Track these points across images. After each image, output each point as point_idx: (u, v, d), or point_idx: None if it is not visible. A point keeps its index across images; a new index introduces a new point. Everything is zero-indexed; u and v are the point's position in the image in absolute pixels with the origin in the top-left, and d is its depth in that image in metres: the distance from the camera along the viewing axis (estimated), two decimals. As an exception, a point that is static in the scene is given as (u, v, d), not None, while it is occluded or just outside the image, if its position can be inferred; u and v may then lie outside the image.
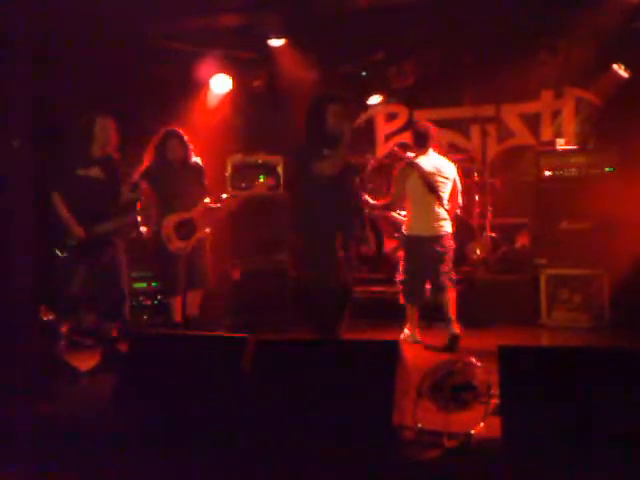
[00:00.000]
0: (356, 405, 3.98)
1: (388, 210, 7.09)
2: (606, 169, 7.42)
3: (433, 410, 4.05)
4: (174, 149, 6.53)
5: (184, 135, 6.58)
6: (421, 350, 6.39)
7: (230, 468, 3.77)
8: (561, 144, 7.89)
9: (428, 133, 6.68)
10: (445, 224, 6.55)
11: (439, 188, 6.51)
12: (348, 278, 5.85)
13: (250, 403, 4.16)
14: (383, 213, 7.21)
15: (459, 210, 6.86)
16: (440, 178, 6.54)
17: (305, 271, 6.23)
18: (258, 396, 4.19)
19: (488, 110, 8.84)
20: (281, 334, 7.07)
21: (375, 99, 9.18)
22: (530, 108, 9.04)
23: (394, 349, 4.15)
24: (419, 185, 6.50)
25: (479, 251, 8.02)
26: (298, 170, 5.94)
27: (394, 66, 8.63)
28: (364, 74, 8.99)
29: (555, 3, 7.38)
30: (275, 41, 8.01)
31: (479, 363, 4.16)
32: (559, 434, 3.61)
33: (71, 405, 4.96)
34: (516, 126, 9.08)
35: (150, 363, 4.64)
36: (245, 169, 8.22)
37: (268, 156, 8.25)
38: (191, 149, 6.63)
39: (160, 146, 6.54)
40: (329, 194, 5.69)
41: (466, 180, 8.18)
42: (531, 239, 8.08)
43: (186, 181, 6.55)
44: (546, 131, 8.93)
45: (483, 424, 3.95)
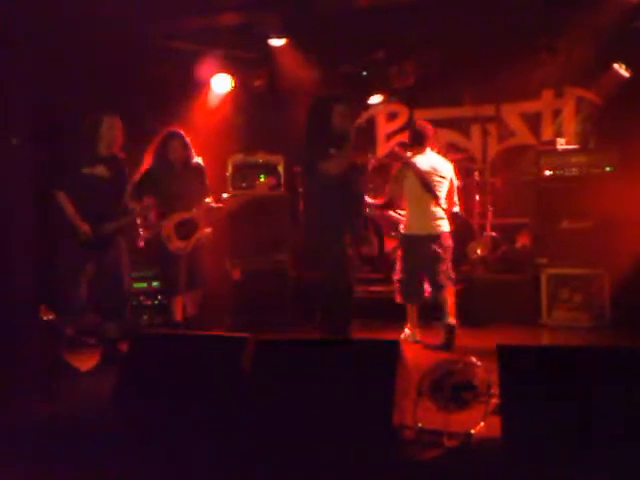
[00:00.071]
0: (356, 405, 3.97)
1: (385, 209, 7.09)
2: (607, 168, 7.41)
3: (433, 410, 4.05)
4: (175, 150, 6.54)
5: (185, 136, 6.59)
6: (421, 350, 6.38)
7: (230, 468, 3.77)
8: (562, 143, 7.88)
9: (425, 133, 6.70)
10: (442, 223, 6.56)
11: (436, 187, 6.52)
12: (353, 278, 5.89)
13: (250, 403, 4.16)
14: (381, 212, 7.21)
15: (458, 209, 6.87)
16: (437, 177, 6.56)
17: (314, 272, 6.25)
18: (258, 396, 4.18)
19: (488, 110, 8.85)
20: (281, 334, 7.07)
21: (376, 98, 9.18)
22: (531, 107, 9.04)
23: (394, 349, 4.14)
24: (416, 184, 6.52)
25: (480, 251, 8.03)
26: (304, 170, 5.96)
27: (395, 66, 8.64)
28: (365, 74, 8.98)
29: (555, 3, 7.38)
30: (276, 41, 8.00)
31: (479, 363, 4.16)
32: (559, 434, 3.60)
33: (71, 405, 4.96)
34: (517, 126, 9.08)
35: (150, 363, 4.63)
36: (246, 169, 8.22)
37: (269, 156, 8.26)
38: (192, 150, 6.63)
39: (161, 147, 6.54)
40: (335, 194, 5.71)
41: (467, 180, 8.21)
42: (532, 238, 8.07)
43: (187, 182, 6.55)
44: (547, 130, 8.93)
45: (483, 424, 3.95)
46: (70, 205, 6.03)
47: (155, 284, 7.57)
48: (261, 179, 8.13)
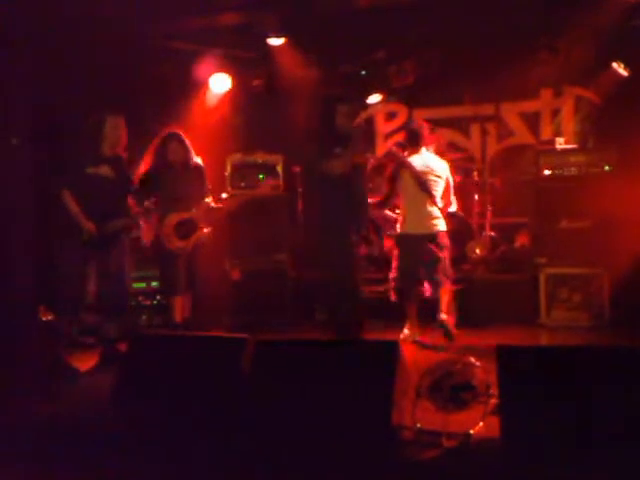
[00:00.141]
0: (355, 405, 3.97)
1: (381, 208, 7.10)
2: (606, 168, 7.41)
3: (432, 410, 4.06)
4: (175, 151, 6.54)
5: (185, 137, 6.59)
6: (420, 350, 6.39)
7: (230, 468, 3.78)
8: (561, 143, 7.88)
9: (420, 132, 6.72)
10: (438, 222, 6.58)
11: (431, 186, 6.54)
12: (360, 278, 5.92)
13: (250, 403, 4.16)
14: (377, 211, 7.22)
15: (455, 208, 6.88)
16: (432, 177, 6.58)
17: (315, 272, 6.27)
18: (258, 396, 4.19)
19: (488, 109, 8.84)
20: (281, 334, 7.08)
21: (375, 98, 9.18)
22: (530, 107, 9.04)
23: (393, 349, 4.14)
24: (411, 184, 6.54)
25: (479, 250, 8.02)
26: (307, 170, 5.99)
27: (394, 65, 8.63)
28: (364, 73, 8.98)
29: (555, 3, 7.38)
30: (275, 40, 8.00)
31: (478, 363, 4.16)
32: (558, 434, 3.60)
33: (71, 405, 4.96)
34: (516, 125, 9.08)
35: (150, 363, 4.63)
36: (245, 168, 8.22)
37: (267, 155, 8.25)
38: (192, 150, 6.63)
39: (161, 148, 6.55)
40: (338, 194, 5.73)
41: (466, 179, 8.21)
42: (530, 238, 8.08)
43: (187, 182, 6.56)
44: (546, 130, 8.93)
45: (482, 424, 3.95)
46: (75, 204, 6.05)
47: (154, 284, 7.57)
48: (260, 179, 8.13)
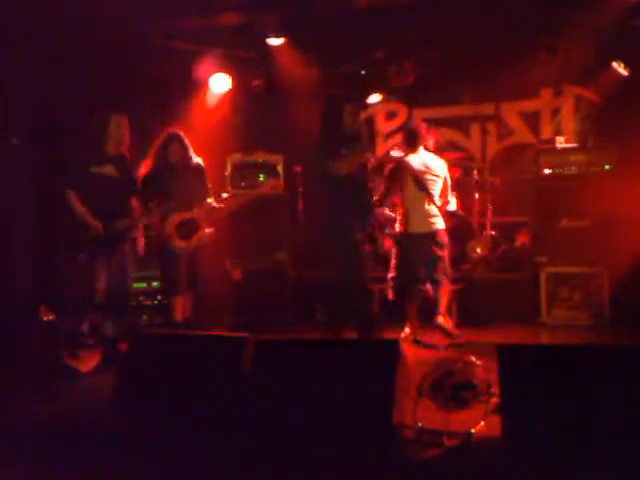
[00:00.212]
0: (356, 404, 3.97)
1: (380, 207, 7.10)
2: (606, 167, 7.41)
3: (433, 409, 4.06)
4: (176, 152, 6.54)
5: (185, 138, 6.59)
6: (421, 349, 6.38)
7: (230, 468, 3.78)
8: (561, 142, 7.88)
9: (418, 132, 6.73)
10: (437, 220, 6.60)
11: (429, 186, 6.55)
12: (368, 278, 5.92)
13: (250, 403, 4.16)
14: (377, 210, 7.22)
15: (455, 206, 6.89)
16: (430, 176, 6.60)
17: (317, 272, 6.27)
18: (258, 396, 4.18)
19: (488, 108, 8.84)
20: (281, 334, 7.08)
21: (375, 97, 9.17)
22: (530, 106, 9.04)
23: (394, 348, 4.14)
24: (410, 183, 6.55)
25: (479, 249, 8.02)
26: (314, 170, 5.99)
27: (394, 65, 8.63)
28: (364, 73, 8.98)
29: (555, 3, 7.38)
30: (274, 40, 8.00)
31: (479, 362, 4.16)
32: (559, 432, 3.60)
33: (71, 405, 4.96)
34: (516, 124, 9.08)
35: (150, 363, 4.63)
36: (245, 168, 8.23)
37: (268, 155, 8.26)
38: (192, 150, 6.63)
39: (162, 149, 6.55)
40: (344, 194, 5.74)
41: (466, 178, 8.21)
42: (531, 237, 8.08)
43: (188, 183, 6.56)
44: (546, 129, 8.93)
45: (483, 423, 3.95)
46: (80, 203, 6.05)
47: (155, 284, 7.57)
48: (260, 178, 8.13)
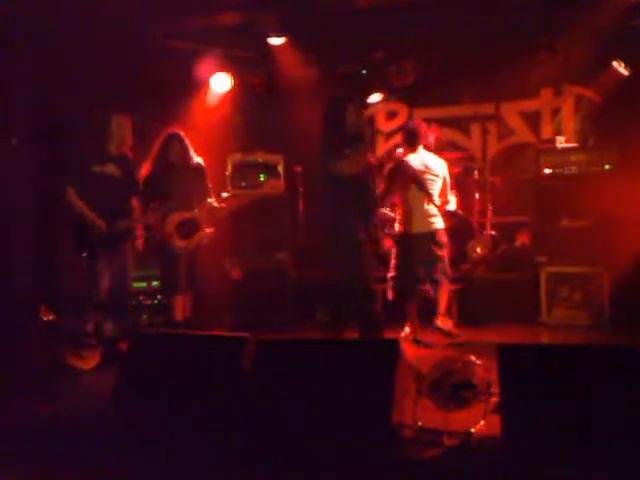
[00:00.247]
0: (356, 404, 3.97)
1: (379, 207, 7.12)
2: (606, 166, 7.41)
3: (433, 408, 4.06)
4: (176, 152, 6.56)
5: (185, 137, 6.60)
6: (421, 349, 6.38)
7: (230, 468, 3.78)
8: (561, 142, 7.88)
9: (418, 132, 6.73)
10: (436, 220, 6.60)
11: (428, 185, 6.55)
12: (371, 278, 5.93)
13: (250, 403, 4.16)
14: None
15: (454, 206, 6.89)
16: (429, 176, 6.61)
17: (330, 273, 6.28)
18: (258, 396, 4.18)
19: (488, 108, 8.86)
20: (281, 334, 7.08)
21: (375, 97, 9.17)
22: (530, 106, 9.04)
23: (394, 348, 4.14)
24: (409, 183, 6.54)
25: (479, 249, 8.02)
26: (318, 170, 6.00)
27: (394, 65, 8.63)
28: (364, 72, 8.97)
29: (555, 3, 7.37)
30: (275, 40, 8.00)
31: (479, 361, 4.16)
32: (559, 432, 3.60)
33: (71, 405, 4.96)
34: (516, 124, 9.08)
35: (150, 363, 4.63)
36: (245, 168, 8.23)
37: (268, 155, 8.26)
38: (192, 150, 6.64)
39: (162, 149, 6.56)
40: (347, 194, 5.74)
41: (466, 178, 8.21)
42: (531, 237, 8.08)
43: (189, 182, 6.57)
44: (546, 129, 8.93)
45: (483, 422, 3.96)
46: (82, 203, 6.06)
47: (155, 284, 7.56)
48: (261, 178, 8.13)
